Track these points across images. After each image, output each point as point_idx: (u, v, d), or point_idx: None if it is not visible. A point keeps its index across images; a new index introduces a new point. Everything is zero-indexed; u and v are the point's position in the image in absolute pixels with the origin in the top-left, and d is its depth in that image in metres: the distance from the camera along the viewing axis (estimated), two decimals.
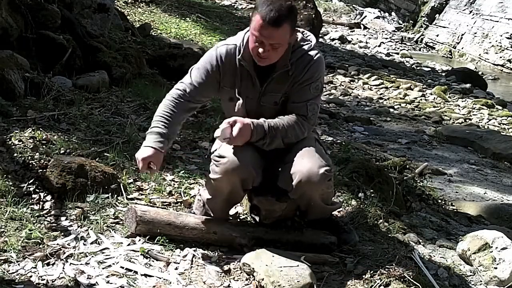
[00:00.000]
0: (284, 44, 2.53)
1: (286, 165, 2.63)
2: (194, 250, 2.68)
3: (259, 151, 2.68)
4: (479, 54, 16.61)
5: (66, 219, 2.88)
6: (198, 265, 2.59)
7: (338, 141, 5.40)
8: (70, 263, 2.49)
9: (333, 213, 2.94)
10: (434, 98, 9.92)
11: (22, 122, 3.76)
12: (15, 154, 3.29)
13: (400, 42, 19.15)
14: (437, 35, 19.13)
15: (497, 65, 15.74)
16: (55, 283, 2.36)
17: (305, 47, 2.65)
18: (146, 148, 2.59)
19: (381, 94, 9.93)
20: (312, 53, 2.64)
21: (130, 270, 2.48)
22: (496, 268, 2.90)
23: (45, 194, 3.05)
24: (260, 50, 2.49)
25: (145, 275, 2.46)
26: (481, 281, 2.91)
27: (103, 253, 2.61)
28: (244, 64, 2.63)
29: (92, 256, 2.56)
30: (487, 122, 8.70)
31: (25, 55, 4.73)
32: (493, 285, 2.88)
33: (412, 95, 9.91)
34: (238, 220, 3.03)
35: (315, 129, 2.93)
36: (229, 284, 2.49)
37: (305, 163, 2.58)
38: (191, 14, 12.00)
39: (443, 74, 12.94)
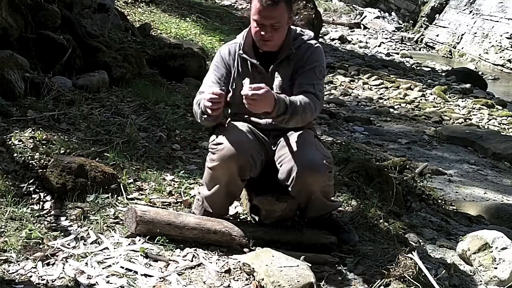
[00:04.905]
0: (284, 24, 2.66)
1: (286, 159, 2.64)
2: (194, 250, 2.68)
3: (258, 143, 2.71)
4: (479, 54, 16.60)
5: (66, 219, 2.88)
6: (198, 265, 2.58)
7: (338, 141, 5.39)
8: (70, 263, 2.49)
9: (333, 212, 2.94)
10: (434, 98, 9.92)
11: (22, 122, 3.76)
12: (15, 154, 3.29)
13: (400, 42, 19.14)
14: (437, 35, 19.12)
15: (497, 65, 15.74)
16: (55, 283, 2.36)
17: (305, 37, 2.81)
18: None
19: (381, 94, 9.93)
20: (311, 41, 2.81)
21: (130, 270, 2.48)
22: (496, 268, 2.90)
23: (45, 194, 3.05)
24: (262, 32, 2.64)
25: (145, 275, 2.46)
26: (481, 281, 2.91)
27: (103, 253, 2.60)
28: (246, 57, 2.75)
29: (92, 256, 2.56)
30: (487, 122, 8.70)
31: (25, 55, 4.73)
32: (493, 285, 2.88)
33: (412, 95, 9.91)
34: (238, 220, 3.02)
35: (314, 128, 2.94)
36: (229, 284, 2.48)
37: (306, 155, 2.60)
38: (191, 14, 12.02)
39: (443, 74, 12.93)
